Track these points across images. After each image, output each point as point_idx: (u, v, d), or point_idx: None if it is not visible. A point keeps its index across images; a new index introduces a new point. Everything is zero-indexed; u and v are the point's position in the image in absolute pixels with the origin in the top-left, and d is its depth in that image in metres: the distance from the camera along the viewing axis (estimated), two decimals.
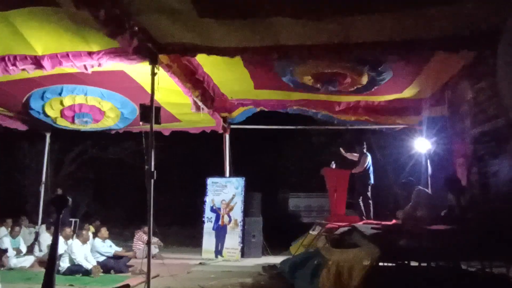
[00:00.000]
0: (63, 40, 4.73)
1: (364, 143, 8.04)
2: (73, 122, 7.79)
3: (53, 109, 7.42)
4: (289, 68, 6.30)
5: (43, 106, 7.36)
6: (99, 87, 6.86)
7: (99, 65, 5.05)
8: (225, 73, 6.62)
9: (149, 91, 5.04)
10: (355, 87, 6.64)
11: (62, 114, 7.61)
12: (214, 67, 6.30)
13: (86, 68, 5.14)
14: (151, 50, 4.77)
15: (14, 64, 4.92)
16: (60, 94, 6.90)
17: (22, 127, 9.18)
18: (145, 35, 4.52)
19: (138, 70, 5.80)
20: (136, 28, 4.33)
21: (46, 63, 4.92)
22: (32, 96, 7.05)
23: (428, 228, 4.53)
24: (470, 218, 4.81)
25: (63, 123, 8.12)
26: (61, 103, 7.18)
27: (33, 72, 5.28)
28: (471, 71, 6.03)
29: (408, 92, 7.16)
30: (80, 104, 7.27)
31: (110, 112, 7.71)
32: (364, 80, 6.30)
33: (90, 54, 4.91)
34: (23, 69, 5.04)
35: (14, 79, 6.00)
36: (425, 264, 4.23)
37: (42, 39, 4.73)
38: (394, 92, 7.19)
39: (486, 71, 5.73)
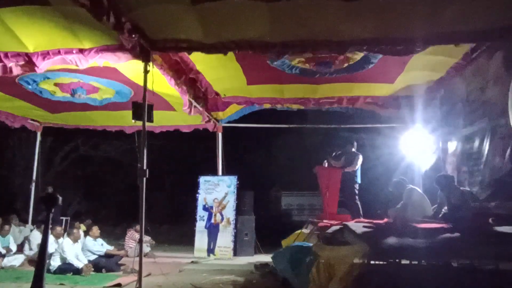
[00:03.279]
0: (55, 37, 4.70)
1: (355, 142, 8.06)
2: (72, 95, 7.59)
3: (49, 84, 7.28)
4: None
5: (38, 85, 7.23)
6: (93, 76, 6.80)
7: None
8: (217, 70, 6.59)
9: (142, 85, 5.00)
10: (348, 64, 6.55)
11: (60, 87, 7.42)
12: (207, 65, 6.28)
13: (77, 65, 5.07)
14: (144, 47, 4.74)
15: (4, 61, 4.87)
16: (54, 77, 6.81)
17: (13, 122, 9.10)
18: (138, 32, 4.49)
19: (131, 68, 5.77)
20: (129, 25, 4.30)
21: (37, 60, 4.87)
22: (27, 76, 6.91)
23: (419, 226, 4.57)
24: (460, 216, 4.86)
25: (60, 94, 7.89)
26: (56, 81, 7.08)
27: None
28: (464, 69, 6.09)
29: (401, 82, 7.11)
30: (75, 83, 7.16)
31: (104, 89, 7.59)
32: (357, 56, 6.23)
33: (81, 51, 4.88)
34: (14, 66, 4.98)
35: None
36: (416, 262, 4.27)
37: (34, 36, 4.69)
38: (388, 81, 7.13)
39: (478, 69, 5.80)
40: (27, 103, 8.17)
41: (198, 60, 6.03)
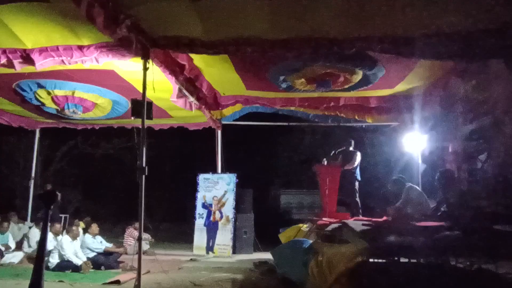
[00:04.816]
0: (53, 34, 4.69)
1: (352, 141, 8.08)
2: (63, 109, 7.64)
3: (43, 97, 7.32)
4: (282, 76, 6.32)
5: (34, 94, 7.27)
6: (89, 84, 6.80)
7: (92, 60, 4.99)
8: (217, 74, 6.62)
9: (140, 90, 5.00)
10: (348, 86, 6.67)
11: (53, 101, 7.49)
12: (206, 67, 6.29)
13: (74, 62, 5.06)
14: (143, 44, 4.73)
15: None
16: (50, 88, 6.83)
17: (13, 121, 9.10)
18: (137, 29, 4.48)
19: (128, 69, 5.76)
20: (128, 22, 4.29)
21: (35, 56, 4.86)
22: (23, 82, 6.95)
23: (418, 224, 4.58)
24: (459, 214, 4.87)
25: (53, 106, 7.95)
26: (52, 92, 7.10)
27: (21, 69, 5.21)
28: (462, 68, 6.07)
29: (400, 88, 7.17)
30: (71, 96, 7.19)
31: (101, 104, 7.65)
32: (357, 78, 6.32)
33: (80, 48, 4.87)
34: (11, 63, 4.97)
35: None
36: (414, 260, 4.27)
37: (32, 33, 4.68)
38: (386, 87, 7.20)
39: (479, 68, 5.78)
40: (24, 109, 8.22)
41: (198, 61, 6.04)
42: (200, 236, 8.71)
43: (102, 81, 6.52)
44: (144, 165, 4.77)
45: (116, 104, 7.80)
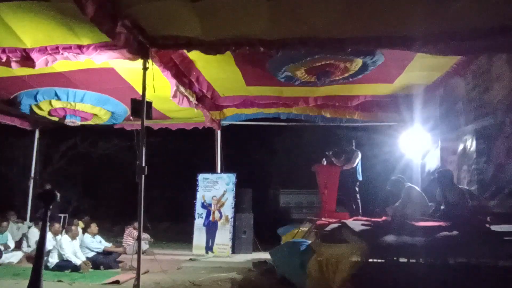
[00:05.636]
0: (53, 33, 4.68)
1: (353, 140, 8.09)
2: (63, 118, 7.70)
3: (41, 109, 7.37)
4: (282, 67, 6.30)
5: (31, 107, 7.31)
6: (89, 88, 6.83)
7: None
8: (216, 71, 6.61)
9: (140, 91, 5.00)
10: (348, 74, 6.60)
11: (51, 114, 7.55)
12: (206, 65, 6.29)
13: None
14: (143, 43, 4.72)
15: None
16: (49, 97, 6.89)
17: (11, 121, 9.10)
18: (136, 28, 4.48)
19: (128, 68, 5.76)
20: (127, 21, 4.28)
21: (35, 55, 4.85)
22: (20, 96, 6.99)
23: (417, 224, 4.58)
24: (458, 214, 4.87)
25: (53, 119, 8.03)
26: (50, 104, 7.13)
27: (18, 68, 5.21)
28: (464, 67, 6.07)
29: (401, 81, 7.13)
30: (69, 109, 7.25)
31: (100, 114, 7.71)
32: (357, 66, 6.26)
33: (80, 47, 4.86)
34: (10, 61, 4.96)
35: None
36: (413, 260, 4.27)
37: (32, 32, 4.67)
38: (387, 81, 7.16)
39: (480, 68, 5.77)
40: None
41: (198, 59, 6.03)
42: (199, 236, 8.71)
43: (102, 81, 6.52)
44: (143, 164, 4.76)
45: (115, 114, 7.88)
